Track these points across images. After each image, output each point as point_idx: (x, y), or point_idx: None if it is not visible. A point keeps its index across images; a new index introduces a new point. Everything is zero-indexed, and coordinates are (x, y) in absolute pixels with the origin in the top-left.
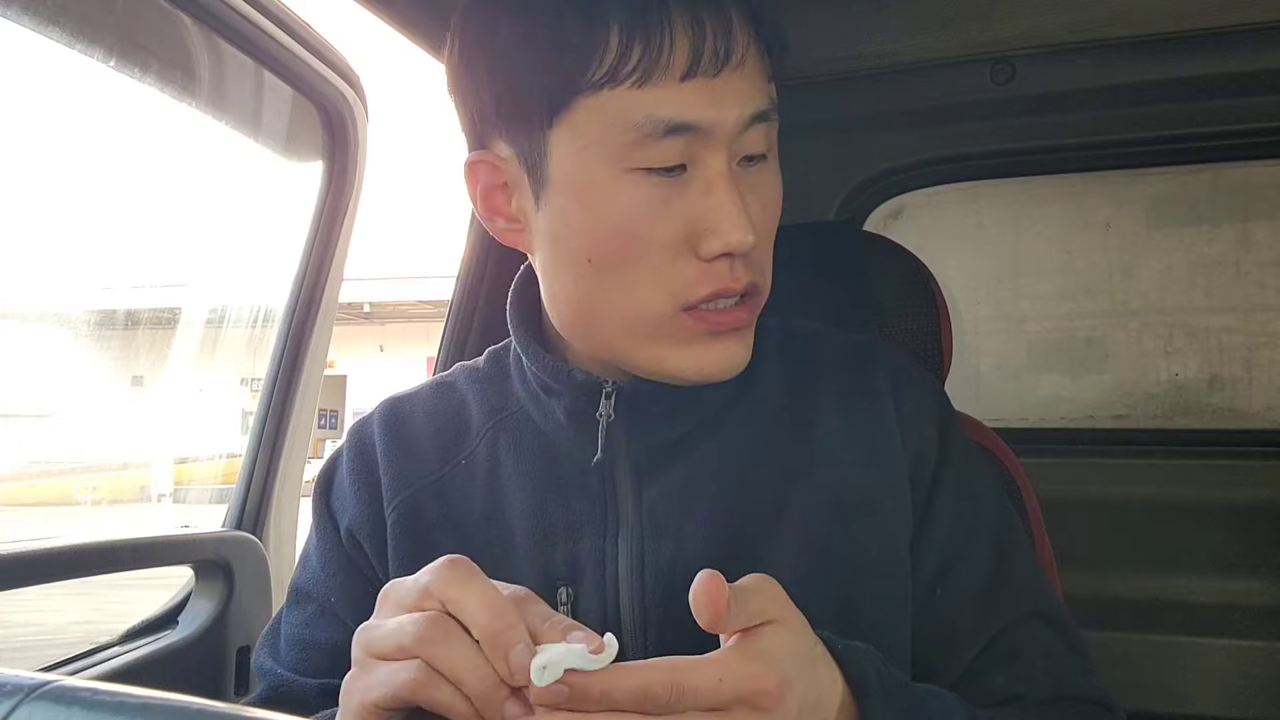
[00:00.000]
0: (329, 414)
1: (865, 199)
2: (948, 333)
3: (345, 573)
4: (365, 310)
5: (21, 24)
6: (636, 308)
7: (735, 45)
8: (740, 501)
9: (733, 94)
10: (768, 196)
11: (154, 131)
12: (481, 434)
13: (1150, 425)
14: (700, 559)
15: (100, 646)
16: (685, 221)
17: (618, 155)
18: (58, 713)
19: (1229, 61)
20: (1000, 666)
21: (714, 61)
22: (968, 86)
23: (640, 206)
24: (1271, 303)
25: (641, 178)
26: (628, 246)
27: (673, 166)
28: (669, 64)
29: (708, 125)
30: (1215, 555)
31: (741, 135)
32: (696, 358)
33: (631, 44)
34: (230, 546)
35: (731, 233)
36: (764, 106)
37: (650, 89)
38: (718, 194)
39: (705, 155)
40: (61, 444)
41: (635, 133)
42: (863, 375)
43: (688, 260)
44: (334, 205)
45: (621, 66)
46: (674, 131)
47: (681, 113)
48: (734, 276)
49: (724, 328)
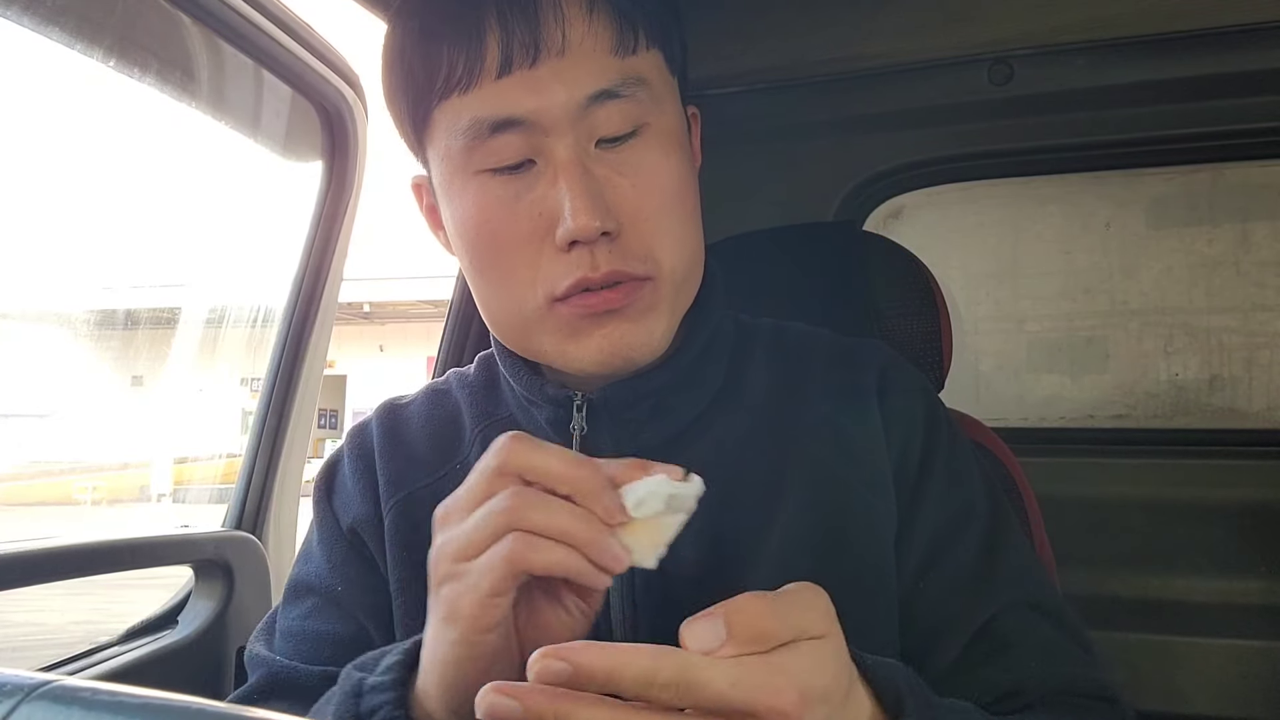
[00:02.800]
0: (329, 414)
1: (865, 199)
2: (948, 333)
3: (352, 562)
4: (365, 310)
5: (22, 24)
6: (514, 303)
7: (546, 33)
8: (728, 505)
9: (558, 80)
10: (645, 175)
11: (154, 132)
12: (474, 439)
13: (1150, 425)
14: (690, 564)
15: (100, 646)
16: (539, 214)
17: (463, 161)
18: (58, 713)
19: (1229, 61)
20: (992, 658)
21: (526, 53)
22: (966, 87)
23: (492, 206)
24: (1271, 303)
25: (490, 178)
26: (490, 245)
27: (519, 163)
28: (483, 65)
29: (532, 116)
30: (1215, 555)
31: (584, 119)
32: (588, 346)
33: (456, 54)
34: (230, 546)
35: (573, 219)
36: (605, 85)
37: (473, 92)
38: (560, 182)
39: (548, 145)
40: (61, 444)
41: (467, 136)
42: (849, 375)
43: (550, 253)
44: (334, 205)
45: (450, 77)
46: (500, 129)
47: (500, 109)
48: (593, 265)
49: (597, 310)
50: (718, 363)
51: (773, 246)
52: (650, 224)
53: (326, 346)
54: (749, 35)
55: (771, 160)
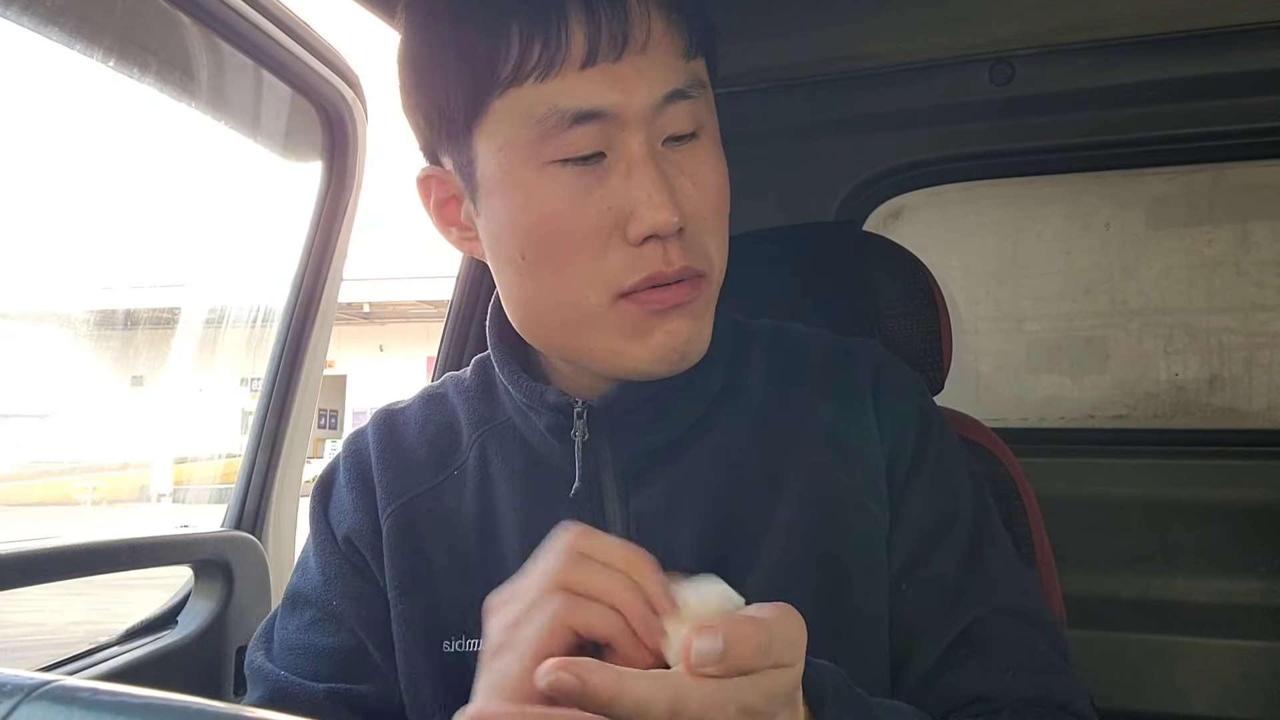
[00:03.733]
0: (329, 414)
1: (865, 199)
2: (948, 333)
3: (347, 575)
4: (365, 310)
5: (21, 24)
6: (574, 300)
7: (634, 28)
8: (726, 510)
9: (639, 76)
10: (703, 176)
11: (153, 132)
12: (471, 444)
13: (1150, 425)
14: (688, 566)
15: (100, 646)
16: (609, 208)
17: (532, 151)
18: (58, 713)
19: (1229, 61)
20: (967, 663)
21: (613, 46)
22: (967, 87)
23: (562, 198)
24: (1271, 303)
25: (559, 169)
26: (555, 239)
27: (590, 155)
28: (567, 55)
29: (614, 110)
30: (1215, 555)
31: (659, 117)
32: (649, 344)
33: (531, 41)
34: (229, 546)
35: (654, 214)
36: (679, 85)
37: (553, 81)
38: (637, 175)
39: (622, 139)
40: (61, 444)
41: (542, 126)
42: (845, 376)
43: (619, 247)
44: (333, 205)
45: (524, 64)
46: (581, 120)
47: (585, 101)
48: (666, 260)
49: (665, 305)
50: (717, 365)
51: (773, 246)
52: (707, 224)
53: (326, 347)
54: (749, 35)
55: (771, 160)
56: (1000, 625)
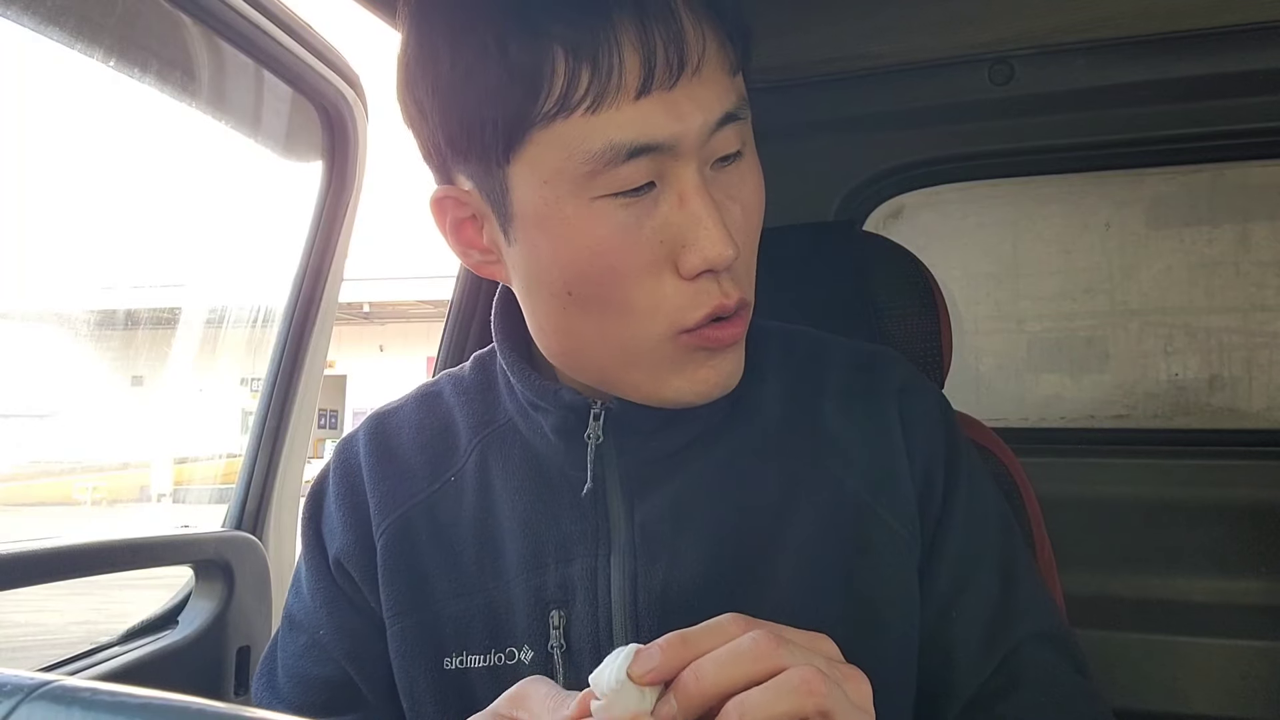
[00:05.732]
0: (329, 414)
1: (865, 199)
2: (948, 333)
3: (333, 603)
4: (365, 310)
5: (22, 24)
6: (630, 335)
7: (690, 50)
8: (736, 521)
9: (693, 102)
10: (748, 196)
11: (154, 132)
12: (470, 449)
13: (1150, 425)
14: (694, 581)
15: (100, 646)
16: (662, 240)
17: (581, 186)
18: (58, 713)
19: (1229, 61)
20: (1005, 694)
21: (669, 73)
22: (967, 87)
23: (613, 235)
24: (1271, 303)
25: (609, 203)
26: (606, 276)
27: (641, 186)
28: (621, 83)
29: (670, 142)
30: (1215, 555)
31: (709, 142)
32: (693, 378)
33: (579, 68)
34: (230, 546)
35: (710, 247)
36: (730, 107)
37: (605, 112)
38: (692, 206)
39: (674, 168)
40: (61, 444)
41: (596, 162)
42: (867, 390)
43: (673, 280)
44: (334, 205)
45: (571, 94)
46: (637, 154)
47: (642, 134)
48: (724, 293)
49: (723, 344)
50: None
51: (773, 246)
52: (751, 251)
53: (327, 347)
54: None
55: (771, 160)
56: (1034, 653)
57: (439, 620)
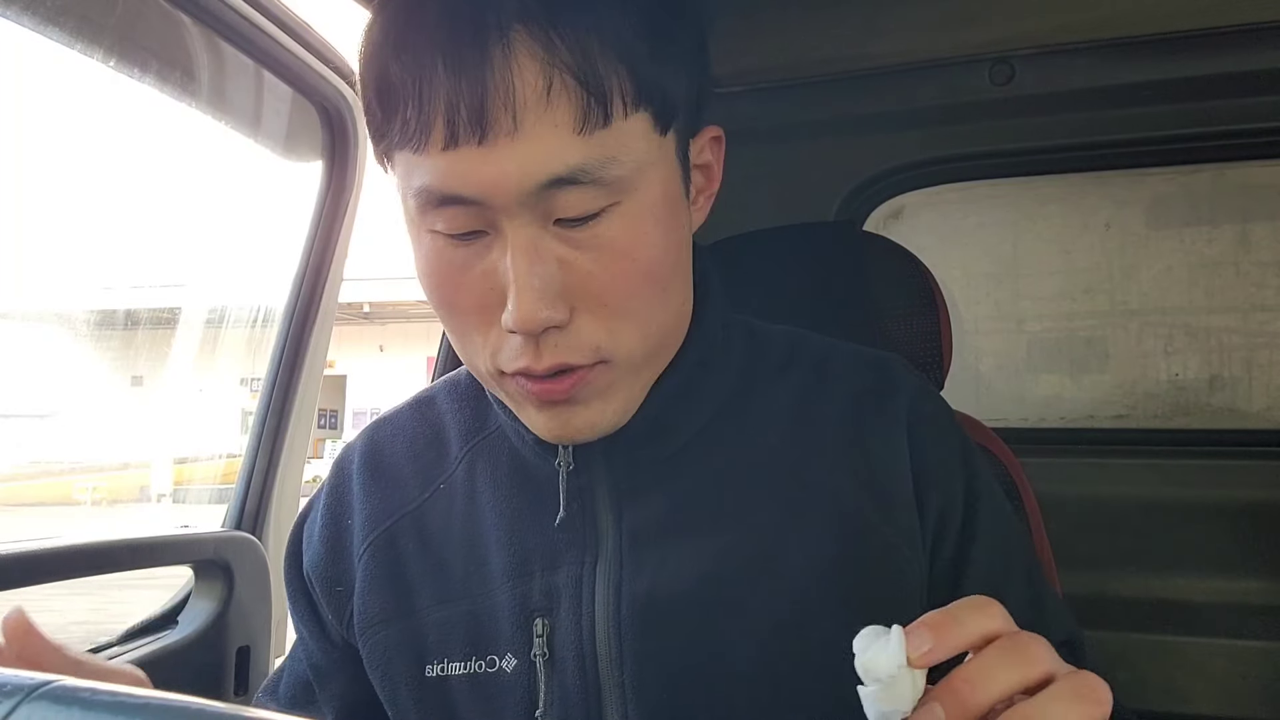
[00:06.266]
0: (329, 414)
1: (865, 199)
2: (947, 333)
3: (302, 615)
4: (365, 310)
5: (22, 24)
6: (473, 364)
7: (496, 109)
8: (728, 533)
9: (510, 160)
10: (610, 255)
11: (154, 132)
12: (460, 457)
13: (1150, 425)
14: (679, 592)
15: (100, 646)
16: (491, 287)
17: (417, 214)
18: (58, 713)
19: (1229, 61)
20: None
21: (472, 130)
22: (967, 87)
23: (444, 269)
24: (1271, 303)
25: (440, 239)
26: (444, 305)
27: (469, 232)
28: (430, 135)
29: (480, 197)
30: (1215, 555)
31: (540, 201)
32: (534, 420)
33: (409, 108)
34: (230, 546)
35: (514, 313)
36: (561, 172)
37: (424, 156)
38: (509, 268)
39: (500, 221)
40: (61, 444)
41: (417, 199)
42: (872, 400)
43: (500, 327)
44: (334, 205)
45: (405, 130)
46: (448, 203)
47: (446, 184)
48: (535, 357)
49: (541, 397)
50: (721, 374)
51: (773, 246)
52: (611, 308)
53: (327, 347)
54: (749, 35)
55: (771, 160)
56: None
57: (422, 628)
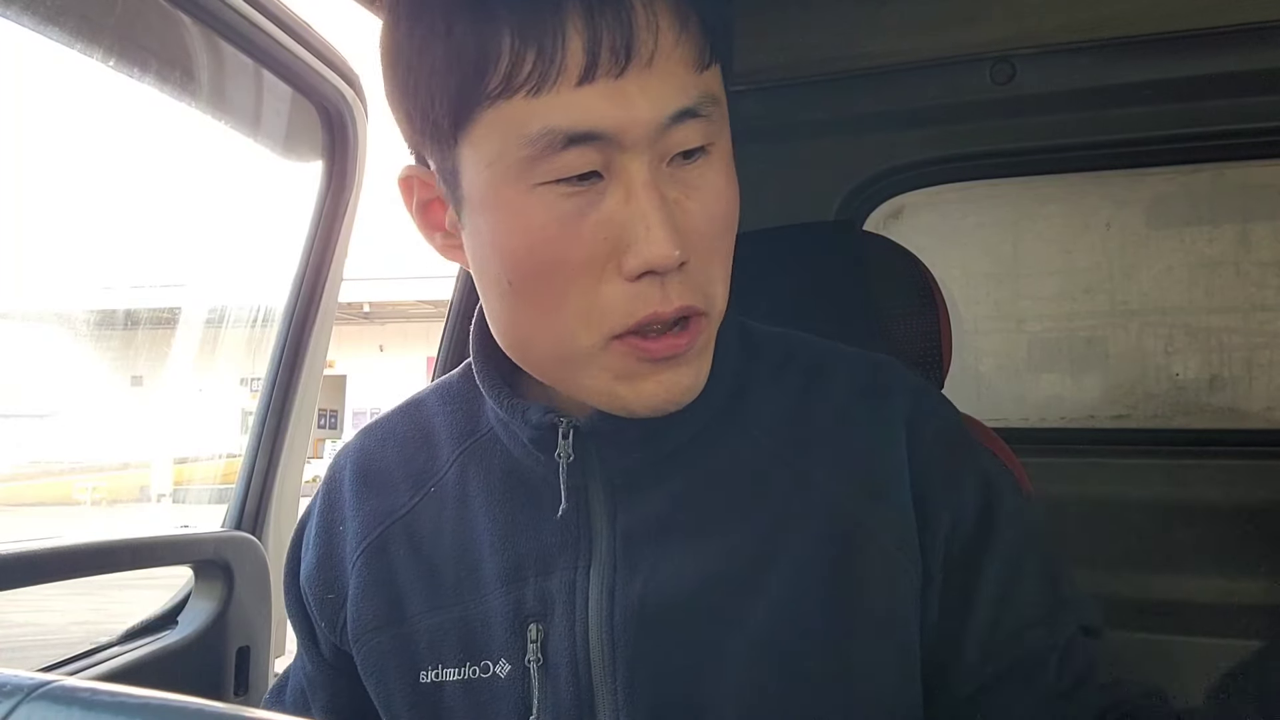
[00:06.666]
0: (328, 414)
1: (865, 199)
2: (947, 333)
3: (300, 623)
4: (365, 310)
5: (22, 24)
6: (563, 338)
7: (639, 40)
8: (721, 536)
9: (643, 94)
10: (711, 197)
11: (154, 132)
12: (451, 460)
13: (1150, 425)
14: (672, 597)
15: (100, 646)
16: (605, 236)
17: (522, 171)
18: (58, 713)
19: (1229, 61)
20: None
21: (615, 61)
22: (968, 86)
23: (553, 225)
24: (1271, 303)
25: (550, 191)
26: (544, 269)
27: (584, 174)
28: (563, 68)
29: (613, 132)
30: (1215, 555)
31: (664, 136)
32: (640, 391)
33: (524, 50)
34: (230, 547)
35: (651, 247)
36: (688, 103)
37: (546, 97)
38: (637, 202)
39: (622, 161)
40: (61, 444)
41: (534, 146)
42: (870, 404)
43: (613, 282)
44: (334, 205)
45: (515, 75)
46: (576, 142)
47: (580, 121)
48: (664, 299)
49: (660, 356)
50: (717, 378)
51: (773, 246)
52: (713, 253)
53: (327, 347)
54: (749, 34)
55: (771, 160)
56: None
57: (415, 634)
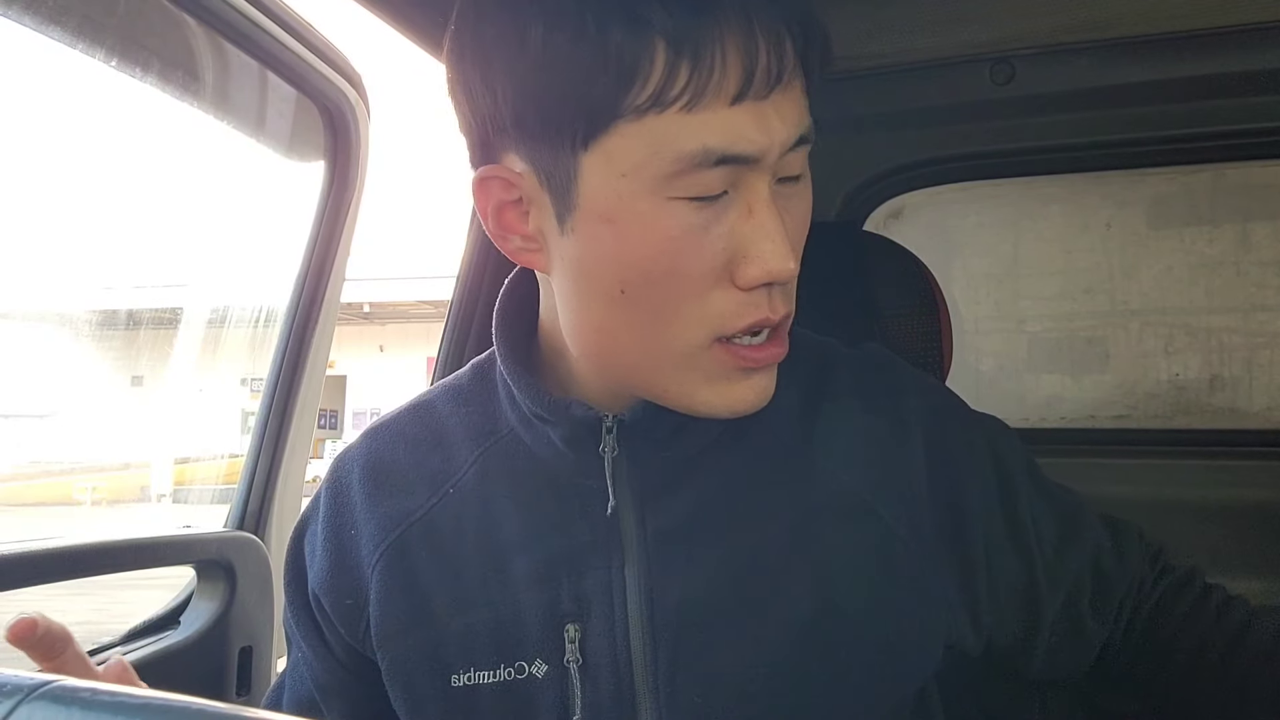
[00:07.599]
0: (329, 414)
1: (865, 199)
2: (948, 333)
3: (309, 634)
4: (365, 310)
5: (23, 24)
6: (670, 339)
7: (787, 64)
8: (752, 531)
9: (780, 117)
10: (801, 217)
11: (156, 132)
12: (470, 461)
13: (1150, 425)
14: (708, 594)
15: (102, 647)
16: (725, 249)
17: (661, 184)
18: (58, 713)
19: (1229, 61)
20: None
21: (766, 82)
22: (968, 86)
23: (683, 236)
24: (1271, 303)
25: (683, 205)
26: (665, 277)
27: (718, 194)
28: (720, 85)
29: (757, 155)
30: (1215, 555)
31: (782, 159)
32: (726, 394)
33: (679, 62)
34: (232, 546)
35: (775, 259)
36: (807, 129)
37: (699, 113)
38: (760, 218)
39: (749, 179)
40: (62, 444)
41: (685, 163)
42: (881, 398)
43: (725, 289)
44: (336, 205)
45: (668, 88)
46: (724, 162)
47: (734, 143)
48: (772, 307)
49: (759, 364)
50: None
51: None
52: (798, 268)
53: (329, 347)
54: None
55: None
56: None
57: (443, 637)
